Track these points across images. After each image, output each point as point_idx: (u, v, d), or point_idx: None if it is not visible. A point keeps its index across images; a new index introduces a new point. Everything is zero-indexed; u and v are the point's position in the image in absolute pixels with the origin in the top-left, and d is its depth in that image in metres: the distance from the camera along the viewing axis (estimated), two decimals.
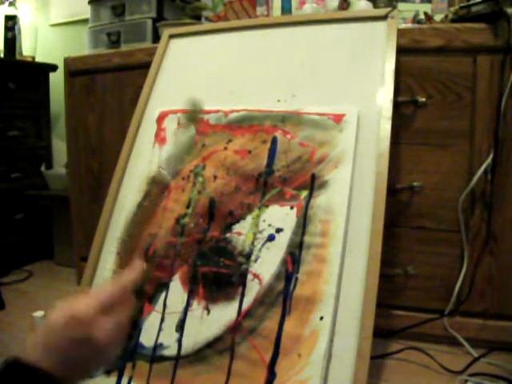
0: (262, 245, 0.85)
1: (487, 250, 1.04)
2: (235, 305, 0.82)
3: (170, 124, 1.03)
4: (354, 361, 0.72)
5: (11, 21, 1.99)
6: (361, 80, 0.94)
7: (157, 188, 0.98)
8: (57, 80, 1.89)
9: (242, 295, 0.82)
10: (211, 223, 0.90)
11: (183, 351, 0.82)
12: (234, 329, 0.80)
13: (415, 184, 1.07)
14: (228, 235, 0.88)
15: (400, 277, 1.10)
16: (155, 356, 0.84)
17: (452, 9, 1.09)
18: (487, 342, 1.05)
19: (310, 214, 0.83)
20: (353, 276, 0.78)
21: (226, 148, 0.95)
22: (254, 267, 0.83)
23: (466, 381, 0.92)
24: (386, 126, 0.87)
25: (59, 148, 2.07)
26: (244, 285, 0.83)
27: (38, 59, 2.10)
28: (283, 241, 0.83)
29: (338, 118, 0.89)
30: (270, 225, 0.86)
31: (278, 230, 0.84)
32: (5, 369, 0.41)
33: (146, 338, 0.86)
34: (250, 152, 0.93)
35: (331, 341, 0.74)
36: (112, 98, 1.41)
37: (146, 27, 1.48)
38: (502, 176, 1.02)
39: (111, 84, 1.41)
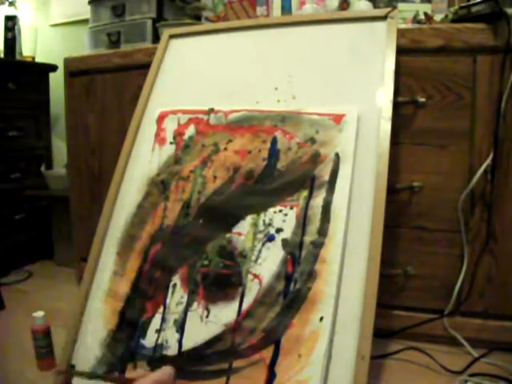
0: (262, 245, 0.85)
1: (487, 250, 1.04)
2: (235, 305, 0.82)
3: (170, 124, 1.03)
4: (354, 361, 0.72)
5: (11, 21, 1.99)
6: (361, 80, 0.94)
7: (156, 188, 0.98)
8: (57, 80, 1.89)
9: (242, 295, 0.82)
10: (211, 224, 0.90)
11: (183, 351, 0.82)
12: (234, 329, 0.80)
13: (415, 184, 1.07)
14: (228, 235, 0.88)
15: (400, 277, 1.10)
16: (155, 356, 0.84)
17: (452, 9, 1.09)
18: (487, 342, 1.05)
19: (309, 213, 0.83)
20: (353, 276, 0.78)
21: (226, 148, 0.95)
22: (254, 267, 0.83)
23: (466, 381, 0.92)
24: (386, 127, 0.87)
25: (59, 148, 2.07)
26: (244, 285, 0.83)
27: (38, 59, 2.10)
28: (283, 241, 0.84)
29: (338, 118, 0.89)
30: (269, 225, 0.86)
31: (278, 230, 0.85)
32: None
33: (147, 339, 0.86)
34: (249, 152, 0.93)
35: (331, 341, 0.74)
36: (112, 98, 1.41)
37: (145, 27, 1.49)
38: (502, 176, 1.02)
39: (111, 84, 1.41)
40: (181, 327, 0.84)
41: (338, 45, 1.00)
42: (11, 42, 1.99)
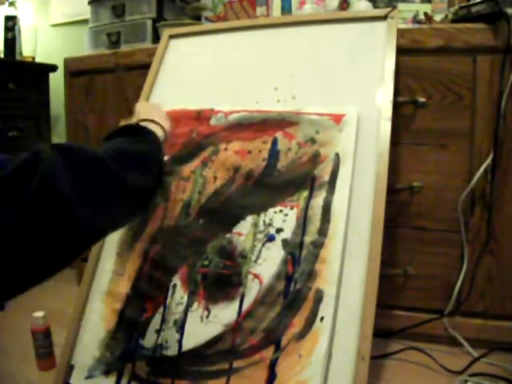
0: (262, 245, 0.85)
1: (487, 250, 1.04)
2: (235, 305, 0.82)
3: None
4: (354, 361, 0.72)
5: (11, 21, 1.99)
6: (361, 80, 0.94)
7: None
8: (57, 80, 1.89)
9: (243, 295, 0.82)
10: (211, 224, 0.90)
11: (183, 352, 0.82)
12: (235, 329, 0.80)
13: (415, 184, 1.07)
14: (228, 235, 0.88)
15: (400, 277, 1.10)
16: (155, 356, 0.84)
17: (452, 9, 1.09)
18: (487, 342, 1.05)
19: (309, 214, 0.83)
20: (353, 276, 0.78)
21: (226, 149, 0.95)
22: (254, 267, 0.83)
23: (466, 381, 0.92)
24: (386, 127, 0.87)
25: None
26: (244, 285, 0.83)
27: (38, 59, 2.10)
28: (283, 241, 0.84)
29: (338, 119, 0.89)
30: (270, 225, 0.86)
31: (278, 230, 0.84)
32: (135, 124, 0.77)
33: (147, 339, 0.86)
34: (250, 152, 0.93)
35: (331, 341, 0.74)
36: (112, 98, 1.41)
37: (146, 27, 1.48)
38: (502, 176, 1.02)
39: (111, 84, 1.41)
40: (181, 327, 0.84)
41: (338, 45, 1.00)
42: (11, 42, 1.99)
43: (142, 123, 0.78)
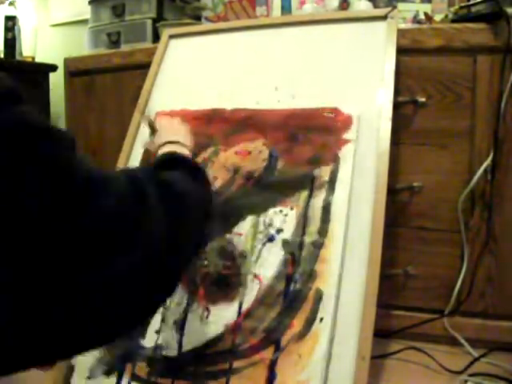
0: (262, 245, 0.85)
1: (487, 249, 1.04)
2: (235, 305, 0.82)
3: None
4: (354, 361, 0.72)
5: (11, 21, 1.99)
6: (361, 80, 0.94)
7: None
8: (57, 80, 1.89)
9: (243, 296, 0.82)
10: (211, 224, 0.90)
11: (183, 352, 0.82)
12: (235, 329, 0.80)
13: (415, 184, 1.07)
14: (228, 236, 0.88)
15: (400, 277, 1.10)
16: (155, 357, 0.84)
17: (452, 9, 1.09)
18: (487, 342, 1.05)
19: (309, 214, 0.83)
20: (353, 276, 0.78)
21: (226, 149, 0.95)
22: (255, 268, 0.83)
23: (466, 381, 0.92)
24: (386, 127, 0.87)
25: None
26: (244, 285, 0.83)
27: (38, 59, 2.10)
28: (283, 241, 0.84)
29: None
30: (270, 225, 0.86)
31: (278, 231, 0.84)
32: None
33: (147, 339, 0.86)
34: (250, 153, 0.93)
35: (331, 341, 0.74)
36: (112, 98, 1.41)
37: (145, 27, 1.48)
38: (502, 176, 1.02)
39: (111, 84, 1.41)
40: (181, 328, 0.84)
41: (338, 45, 1.00)
42: (11, 42, 1.99)
43: (169, 147, 0.71)
